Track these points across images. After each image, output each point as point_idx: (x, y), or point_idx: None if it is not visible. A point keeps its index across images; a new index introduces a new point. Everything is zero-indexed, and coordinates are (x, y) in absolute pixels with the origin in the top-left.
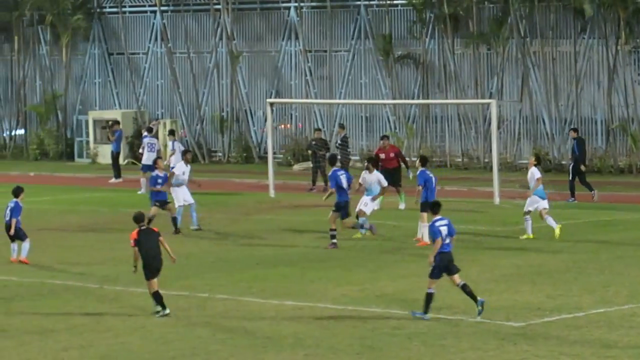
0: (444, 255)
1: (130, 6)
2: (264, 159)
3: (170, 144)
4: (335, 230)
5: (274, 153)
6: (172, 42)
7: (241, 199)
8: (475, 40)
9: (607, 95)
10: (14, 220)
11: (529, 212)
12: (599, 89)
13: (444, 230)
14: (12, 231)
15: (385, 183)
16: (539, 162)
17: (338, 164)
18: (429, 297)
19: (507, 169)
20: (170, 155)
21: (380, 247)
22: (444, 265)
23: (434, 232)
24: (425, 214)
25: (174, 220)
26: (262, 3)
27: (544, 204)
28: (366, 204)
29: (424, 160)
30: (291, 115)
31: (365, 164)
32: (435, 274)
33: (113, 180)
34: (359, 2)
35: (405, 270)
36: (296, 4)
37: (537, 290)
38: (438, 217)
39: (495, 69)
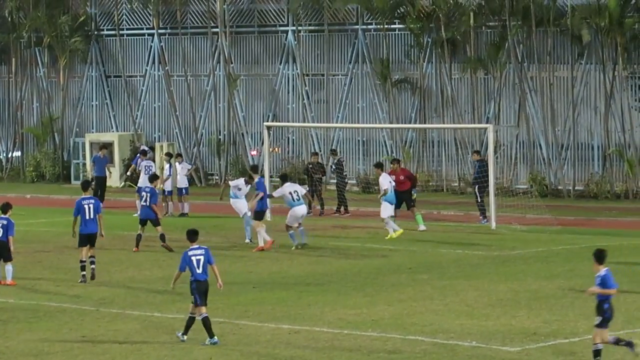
0: (200, 284)
1: (127, 29)
2: None
3: (167, 167)
4: None
5: (271, 176)
6: (169, 65)
7: (238, 222)
8: (473, 65)
9: (604, 121)
10: (10, 238)
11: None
12: (595, 114)
13: (197, 259)
14: (12, 247)
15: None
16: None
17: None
18: (190, 321)
19: (503, 193)
20: (166, 179)
21: (377, 271)
22: (201, 293)
23: (182, 261)
24: (258, 222)
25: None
26: (260, 26)
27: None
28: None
29: (254, 170)
30: (288, 138)
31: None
32: (197, 301)
33: None
34: (356, 26)
35: (402, 294)
36: (294, 28)
37: (533, 315)
38: (195, 245)
39: (493, 94)
